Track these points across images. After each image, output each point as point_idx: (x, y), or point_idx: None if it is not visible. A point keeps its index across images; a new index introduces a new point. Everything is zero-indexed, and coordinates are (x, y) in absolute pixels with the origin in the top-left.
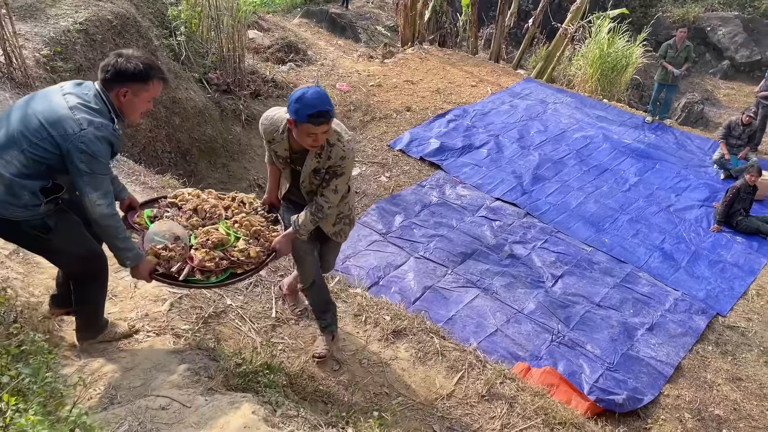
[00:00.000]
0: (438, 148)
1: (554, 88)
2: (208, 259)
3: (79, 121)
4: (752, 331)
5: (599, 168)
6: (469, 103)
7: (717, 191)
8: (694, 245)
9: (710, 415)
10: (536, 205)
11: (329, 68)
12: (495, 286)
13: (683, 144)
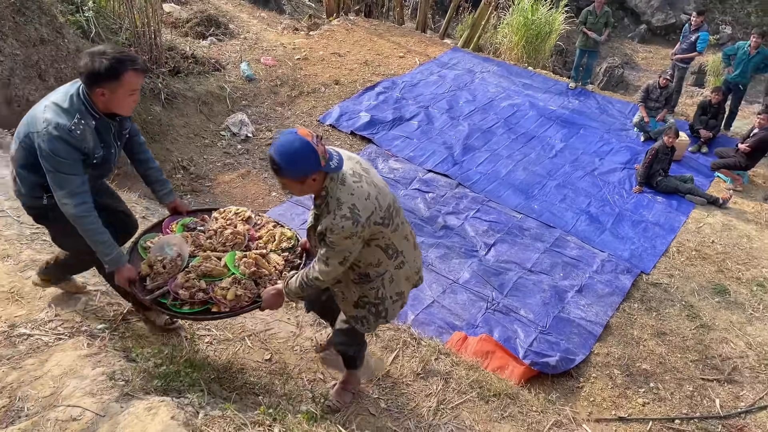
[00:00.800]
0: (368, 122)
1: (481, 57)
2: (185, 285)
3: (42, 120)
4: (674, 286)
5: (527, 135)
6: (398, 75)
7: (638, 153)
8: (618, 207)
9: (638, 369)
10: (467, 175)
11: (253, 42)
12: (430, 258)
13: (605, 108)
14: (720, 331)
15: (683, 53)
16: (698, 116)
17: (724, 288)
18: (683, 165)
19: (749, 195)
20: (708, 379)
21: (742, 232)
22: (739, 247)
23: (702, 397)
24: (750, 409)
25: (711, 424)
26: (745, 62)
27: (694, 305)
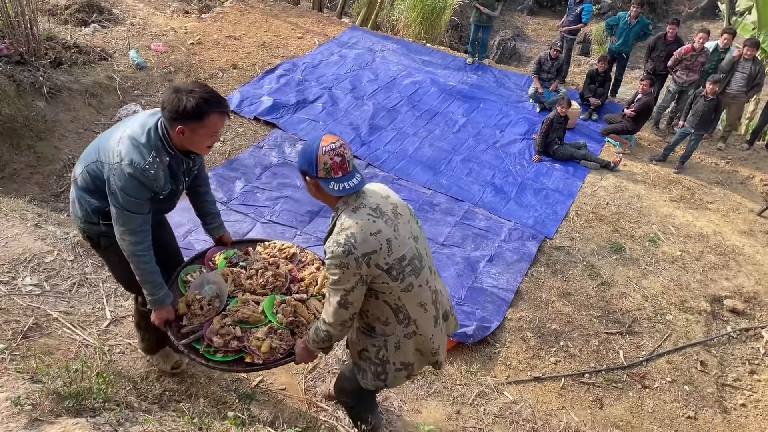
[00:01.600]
0: (271, 106)
1: (380, 36)
2: (220, 332)
3: (116, 153)
4: (576, 248)
5: (430, 112)
6: (298, 56)
7: (535, 124)
8: (520, 177)
9: (548, 330)
10: (376, 155)
11: (140, 27)
12: None
13: (502, 82)
14: (619, 287)
15: (569, 25)
16: (587, 85)
17: (620, 246)
18: (576, 132)
19: (637, 157)
20: (611, 332)
21: (632, 192)
22: (631, 206)
23: (607, 350)
24: (650, 356)
25: (617, 374)
26: (627, 31)
27: (595, 264)
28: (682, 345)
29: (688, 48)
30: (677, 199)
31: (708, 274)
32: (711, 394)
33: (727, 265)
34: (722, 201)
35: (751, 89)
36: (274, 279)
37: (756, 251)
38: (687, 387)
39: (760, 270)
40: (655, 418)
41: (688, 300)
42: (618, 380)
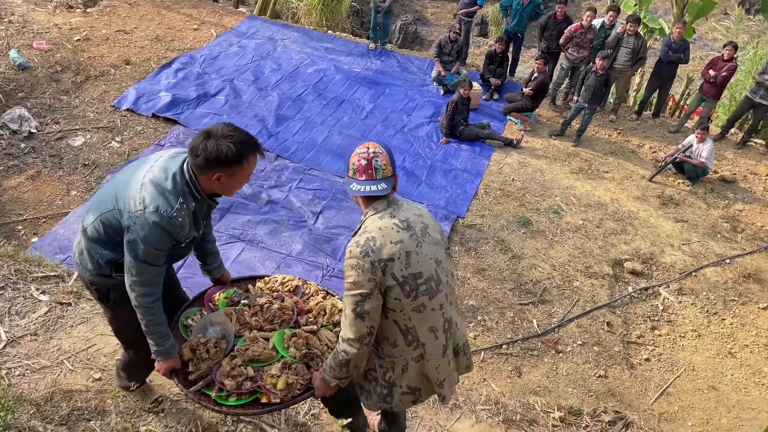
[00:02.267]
0: (171, 102)
1: (280, 24)
2: (231, 374)
3: (139, 200)
4: (486, 225)
5: (337, 100)
6: (195, 49)
7: (440, 106)
8: (430, 159)
9: (466, 306)
10: (285, 146)
11: (20, 25)
12: (259, 236)
13: (406, 66)
14: (529, 259)
15: (466, 8)
16: (487, 66)
17: (528, 220)
18: (480, 113)
19: (537, 133)
20: (524, 303)
21: (535, 167)
22: (535, 181)
23: (522, 320)
24: (561, 323)
25: (532, 342)
26: (520, 12)
27: (505, 239)
28: (589, 309)
29: (578, 26)
30: (576, 171)
31: (608, 239)
32: (618, 353)
33: (625, 230)
34: (617, 170)
35: (635, 63)
36: (280, 312)
37: (649, 215)
38: (596, 348)
39: (654, 232)
40: (570, 380)
41: (592, 266)
42: (533, 348)
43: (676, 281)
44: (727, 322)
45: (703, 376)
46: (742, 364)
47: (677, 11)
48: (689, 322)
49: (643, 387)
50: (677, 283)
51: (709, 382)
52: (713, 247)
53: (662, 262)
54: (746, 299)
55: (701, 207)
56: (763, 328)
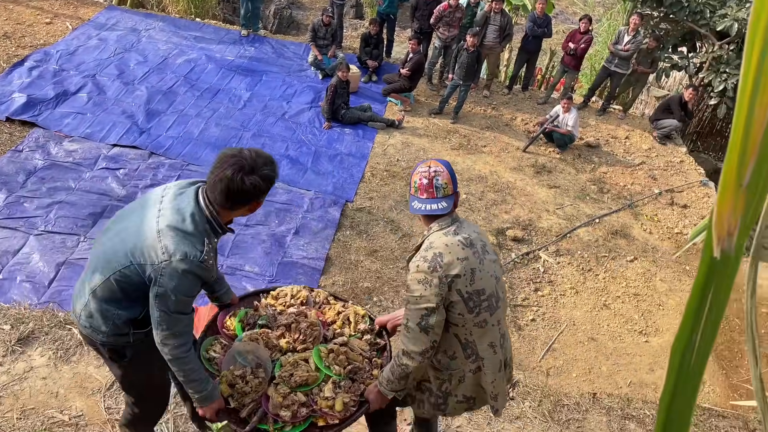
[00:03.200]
0: (26, 103)
1: (143, 14)
2: (285, 404)
3: (161, 249)
4: (375, 207)
5: (211, 90)
6: (50, 44)
7: (320, 91)
8: (314, 146)
9: (361, 288)
10: (159, 142)
11: None
12: None
13: (281, 52)
14: (418, 236)
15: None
16: (363, 48)
17: None
18: (360, 95)
19: (417, 113)
20: None
21: (418, 146)
22: (419, 159)
23: None
24: None
25: None
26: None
27: (394, 219)
28: None
29: (446, 5)
30: (457, 147)
31: (491, 210)
32: (507, 316)
33: (505, 200)
34: (494, 143)
35: (503, 39)
36: (311, 330)
37: (526, 184)
38: None
39: (531, 200)
40: None
41: None
42: None
43: (553, 244)
44: (600, 277)
45: (583, 329)
46: (616, 314)
47: None
48: (567, 280)
49: (530, 346)
50: (554, 245)
51: (589, 334)
52: (584, 209)
53: (540, 227)
54: (615, 254)
55: (571, 172)
56: (632, 279)
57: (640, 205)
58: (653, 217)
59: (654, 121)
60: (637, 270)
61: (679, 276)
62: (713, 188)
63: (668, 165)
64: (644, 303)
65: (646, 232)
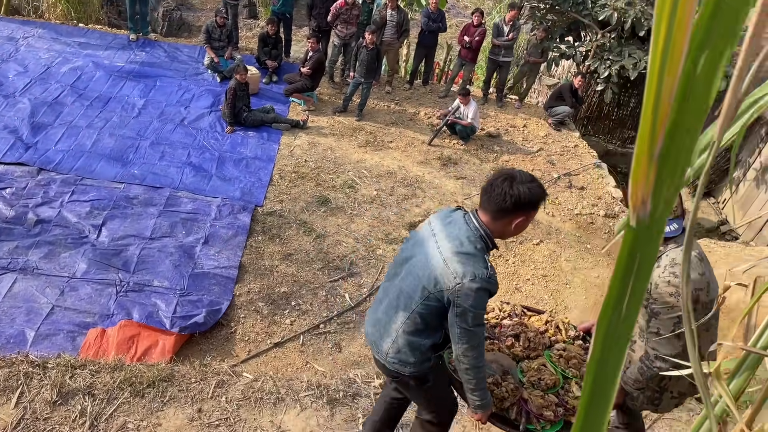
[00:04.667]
0: None
1: (19, 21)
2: (544, 405)
3: (454, 274)
4: (287, 210)
5: (102, 99)
6: None
7: (219, 95)
8: (217, 151)
9: (279, 294)
10: (47, 157)
11: None
12: (33, 262)
13: (175, 56)
14: (332, 236)
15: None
16: (261, 48)
17: (326, 198)
18: (261, 97)
19: (321, 112)
20: (335, 279)
21: (325, 145)
22: (327, 159)
23: (335, 296)
24: (371, 291)
25: (347, 316)
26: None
27: (307, 221)
28: None
29: (342, 3)
30: (364, 144)
31: (402, 205)
32: None
33: (415, 194)
34: (399, 138)
35: (401, 35)
36: (538, 338)
37: (434, 177)
38: None
39: (440, 192)
40: None
41: (390, 232)
42: (349, 321)
43: None
44: (510, 262)
45: None
46: (527, 296)
47: None
48: None
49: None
50: None
51: None
52: None
53: None
54: (522, 238)
55: (475, 163)
56: (539, 262)
57: None
58: (554, 201)
59: (548, 108)
60: (544, 252)
61: (582, 254)
62: (605, 169)
63: (564, 150)
64: (552, 283)
65: (549, 216)
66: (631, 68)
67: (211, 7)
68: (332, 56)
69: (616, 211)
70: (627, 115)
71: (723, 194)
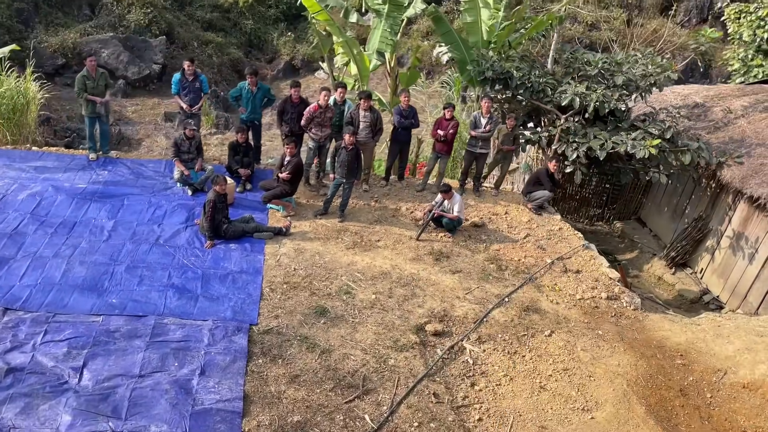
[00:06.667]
0: None
1: None
2: None
3: None
4: (284, 325)
5: (66, 224)
6: None
7: (193, 208)
8: (200, 268)
9: (292, 424)
10: (13, 294)
11: None
12: (8, 420)
13: (139, 172)
14: (338, 350)
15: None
16: (232, 157)
17: (323, 308)
18: (237, 207)
19: (302, 216)
20: (350, 400)
21: (312, 250)
22: (316, 265)
23: (353, 419)
24: (392, 410)
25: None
26: (251, 100)
27: (308, 335)
28: (411, 385)
29: (316, 106)
30: (351, 246)
31: (404, 307)
32: (453, 422)
33: (414, 293)
34: (386, 236)
35: (375, 134)
36: None
37: (429, 273)
38: (433, 424)
39: (439, 288)
40: None
41: (399, 338)
42: None
43: (473, 331)
44: (527, 358)
45: (530, 418)
46: (555, 395)
47: (391, 82)
48: (498, 368)
49: None
50: (475, 332)
51: (537, 423)
52: (490, 289)
53: (456, 316)
54: (533, 330)
55: (467, 255)
56: (556, 354)
57: (538, 277)
58: (554, 287)
59: (527, 194)
60: (558, 343)
61: (597, 342)
62: (595, 250)
63: (550, 234)
64: (576, 377)
65: (553, 303)
66: (598, 149)
67: (149, 119)
68: (307, 159)
69: (617, 292)
70: (590, 193)
71: (699, 264)
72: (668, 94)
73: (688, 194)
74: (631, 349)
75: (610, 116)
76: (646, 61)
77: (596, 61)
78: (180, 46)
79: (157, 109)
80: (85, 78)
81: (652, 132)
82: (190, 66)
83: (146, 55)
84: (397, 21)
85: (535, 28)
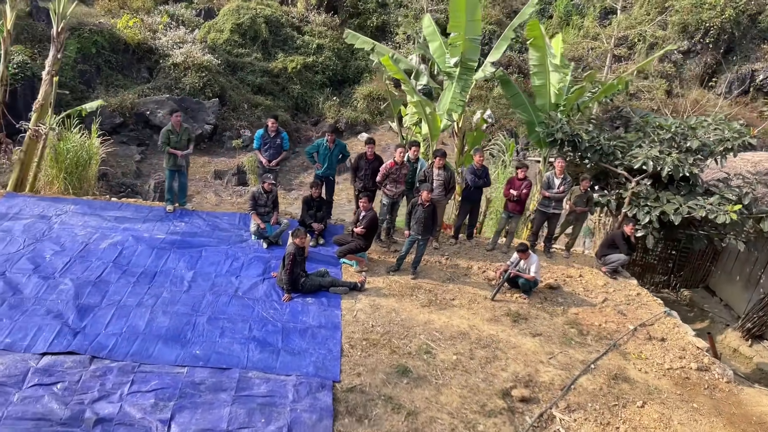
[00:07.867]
0: None
1: (50, 198)
2: None
3: None
4: (367, 384)
5: (148, 274)
6: None
7: (268, 261)
8: (279, 321)
9: None
10: (99, 342)
11: None
12: None
13: (215, 224)
14: (424, 413)
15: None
16: (306, 211)
17: (405, 367)
18: (311, 261)
19: (374, 272)
20: None
21: (388, 307)
22: (393, 322)
23: None
24: None
25: None
26: (329, 156)
27: (392, 396)
28: None
29: (392, 163)
30: (427, 304)
31: (487, 369)
32: None
33: (496, 355)
34: (461, 295)
35: (448, 192)
36: None
37: (508, 335)
38: None
39: (521, 351)
40: None
41: (486, 403)
42: None
43: (562, 399)
44: (621, 430)
45: None
46: None
47: (458, 142)
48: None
49: None
50: (563, 400)
51: None
52: (574, 355)
53: (542, 382)
54: (624, 400)
55: (545, 317)
56: (652, 428)
57: (622, 343)
58: (640, 355)
59: (601, 257)
60: (652, 416)
61: (693, 416)
62: (677, 317)
63: (629, 299)
64: None
65: (641, 372)
66: (672, 213)
67: (200, 176)
68: (381, 215)
69: (706, 363)
70: (656, 259)
71: None
72: (737, 160)
73: (763, 263)
74: (730, 424)
75: (681, 181)
76: (722, 126)
77: (669, 125)
78: (231, 108)
79: (207, 167)
80: (169, 132)
81: (729, 197)
82: (273, 123)
83: (199, 116)
84: (468, 83)
85: (604, 92)
